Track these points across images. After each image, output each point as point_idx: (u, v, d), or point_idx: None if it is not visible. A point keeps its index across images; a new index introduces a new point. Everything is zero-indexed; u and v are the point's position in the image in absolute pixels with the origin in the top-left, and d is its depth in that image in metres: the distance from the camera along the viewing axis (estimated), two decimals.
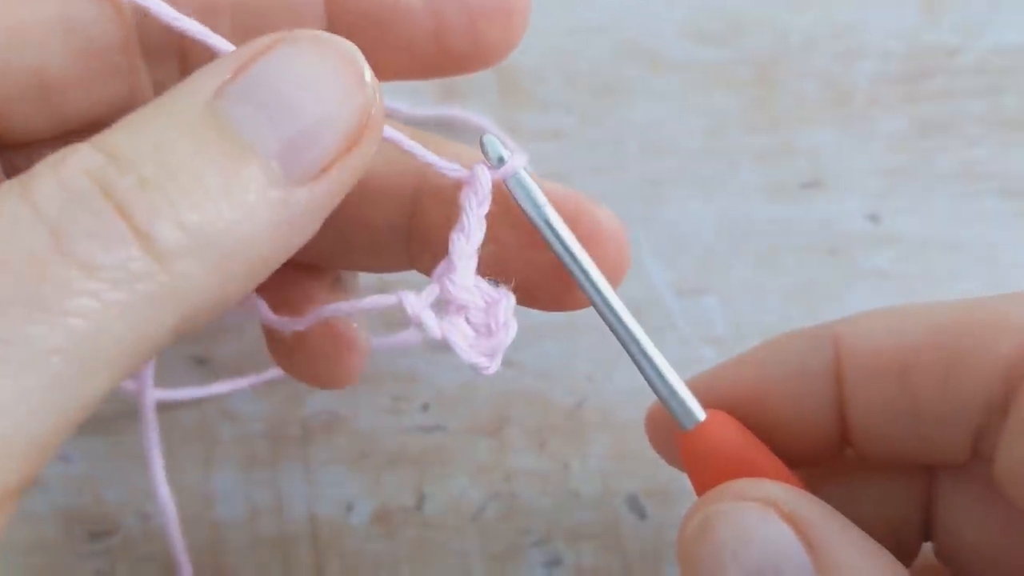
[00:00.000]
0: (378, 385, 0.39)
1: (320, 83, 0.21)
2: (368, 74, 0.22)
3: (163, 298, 0.19)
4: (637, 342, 0.26)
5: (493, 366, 0.25)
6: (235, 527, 0.37)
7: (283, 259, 0.22)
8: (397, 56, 0.26)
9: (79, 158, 0.20)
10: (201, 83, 0.21)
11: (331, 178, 0.22)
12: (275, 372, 0.38)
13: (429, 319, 0.25)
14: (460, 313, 0.25)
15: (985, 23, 0.45)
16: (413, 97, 0.42)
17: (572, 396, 0.39)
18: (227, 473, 0.37)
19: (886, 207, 0.42)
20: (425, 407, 0.39)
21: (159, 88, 0.26)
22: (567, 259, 0.26)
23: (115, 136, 0.20)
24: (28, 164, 0.25)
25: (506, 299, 0.26)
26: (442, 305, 0.25)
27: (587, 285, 0.26)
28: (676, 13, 0.46)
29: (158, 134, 0.20)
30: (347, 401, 0.39)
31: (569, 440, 0.38)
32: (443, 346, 0.25)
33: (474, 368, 0.25)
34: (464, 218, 0.25)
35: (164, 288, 0.19)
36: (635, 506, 0.37)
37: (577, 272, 0.26)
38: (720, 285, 0.41)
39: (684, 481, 0.37)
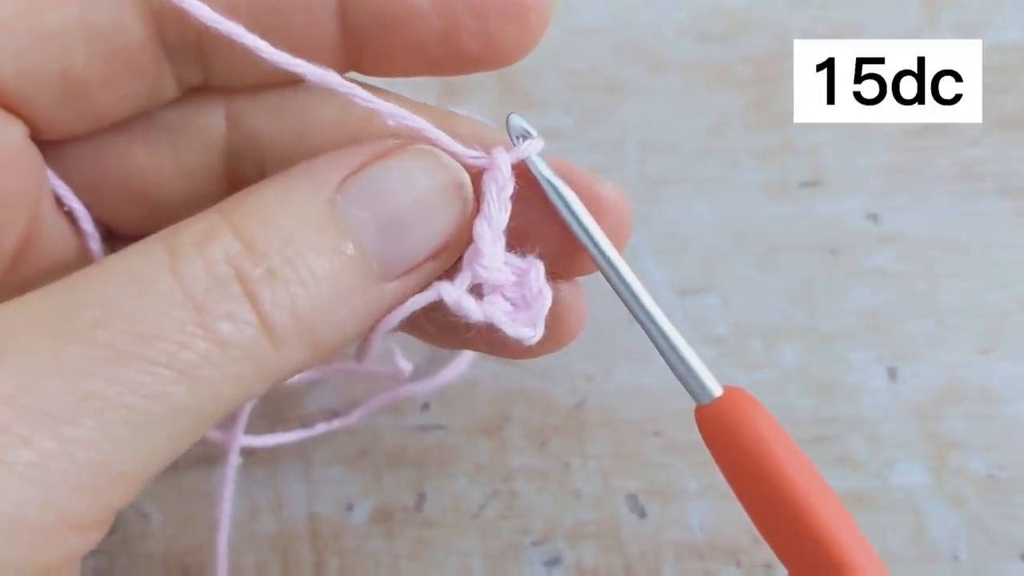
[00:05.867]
0: (378, 385, 0.39)
1: (429, 203, 0.25)
2: (470, 199, 0.25)
3: (268, 372, 0.23)
4: (651, 317, 0.26)
5: (537, 334, 0.26)
6: (235, 526, 0.37)
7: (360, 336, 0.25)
8: (408, 54, 0.26)
9: (221, 244, 0.22)
10: (325, 175, 0.24)
11: (414, 277, 0.25)
12: None
13: (469, 304, 0.25)
14: (496, 292, 0.26)
15: (985, 22, 0.45)
16: (413, 95, 0.42)
17: (572, 396, 0.39)
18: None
19: (886, 207, 0.42)
20: (425, 407, 0.39)
21: (181, 83, 0.27)
22: (583, 237, 0.26)
23: (250, 224, 0.23)
24: (65, 160, 0.27)
25: (535, 268, 0.26)
26: (477, 288, 0.26)
27: (603, 262, 0.26)
28: (676, 13, 0.46)
29: (286, 226, 0.23)
30: (347, 400, 0.39)
31: (569, 440, 0.38)
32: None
33: (519, 339, 0.26)
34: (486, 205, 0.25)
35: (271, 364, 0.23)
36: (635, 506, 0.37)
37: (592, 249, 0.26)
38: (720, 285, 0.41)
39: (684, 481, 0.37)
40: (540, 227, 0.27)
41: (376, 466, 0.38)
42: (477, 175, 0.26)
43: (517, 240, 0.26)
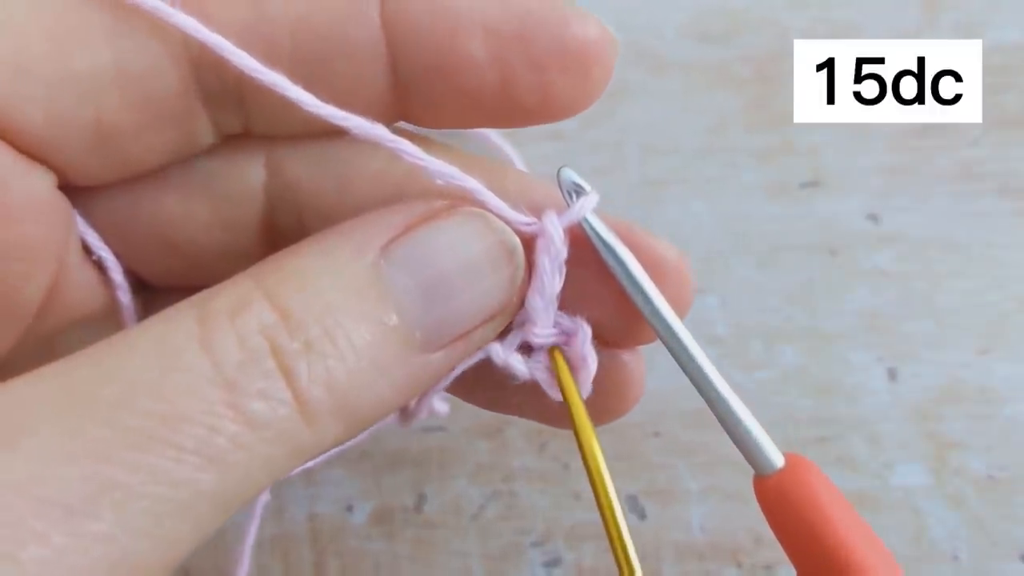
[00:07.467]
0: None
1: (478, 271, 0.23)
2: (522, 268, 0.24)
3: (301, 451, 0.21)
4: (714, 387, 0.25)
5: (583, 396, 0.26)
6: (235, 527, 0.37)
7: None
8: (460, 106, 0.25)
9: (256, 313, 0.21)
10: (369, 238, 0.23)
11: (460, 347, 0.23)
12: None
13: (517, 363, 0.25)
14: (543, 351, 0.26)
15: (984, 22, 0.45)
16: None
17: None
18: None
19: (886, 207, 0.42)
20: None
21: (219, 131, 0.25)
22: (642, 303, 0.25)
23: (287, 291, 0.22)
24: (96, 207, 0.26)
25: (582, 331, 0.25)
26: (526, 344, 0.26)
27: (663, 330, 0.25)
28: (676, 13, 0.46)
29: (325, 293, 0.22)
30: None
31: (569, 440, 0.38)
32: None
33: (561, 403, 0.26)
34: (538, 278, 0.24)
35: (304, 443, 0.21)
36: (635, 506, 0.37)
37: (652, 316, 0.25)
38: (720, 285, 0.41)
39: (684, 482, 0.37)
40: (596, 289, 0.25)
41: (376, 467, 0.38)
42: (529, 237, 0.25)
43: (571, 306, 0.25)
